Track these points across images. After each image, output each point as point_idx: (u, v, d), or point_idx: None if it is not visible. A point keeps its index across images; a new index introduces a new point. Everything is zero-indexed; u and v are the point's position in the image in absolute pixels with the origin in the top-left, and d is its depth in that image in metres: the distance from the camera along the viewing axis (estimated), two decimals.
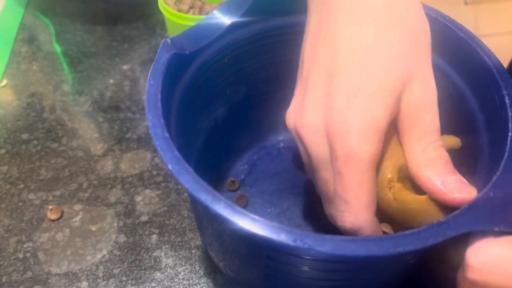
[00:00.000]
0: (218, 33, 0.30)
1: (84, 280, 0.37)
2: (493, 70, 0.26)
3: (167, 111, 0.26)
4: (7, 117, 0.49)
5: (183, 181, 0.21)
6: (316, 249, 0.19)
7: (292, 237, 0.19)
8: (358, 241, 0.19)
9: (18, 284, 0.37)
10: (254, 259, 0.27)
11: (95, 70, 0.54)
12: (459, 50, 0.29)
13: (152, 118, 0.24)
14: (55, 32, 0.59)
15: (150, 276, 0.37)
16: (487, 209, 0.21)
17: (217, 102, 0.35)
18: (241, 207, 0.20)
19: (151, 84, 0.25)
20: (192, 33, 0.29)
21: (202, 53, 0.30)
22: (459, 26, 0.29)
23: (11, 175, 0.44)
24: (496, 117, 0.26)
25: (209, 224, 0.28)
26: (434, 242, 0.19)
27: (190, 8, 0.51)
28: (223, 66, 0.32)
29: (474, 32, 0.29)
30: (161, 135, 0.23)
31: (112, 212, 0.41)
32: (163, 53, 0.27)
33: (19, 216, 0.41)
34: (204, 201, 0.20)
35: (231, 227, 0.20)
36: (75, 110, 0.50)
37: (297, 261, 0.23)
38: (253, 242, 0.24)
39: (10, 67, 0.54)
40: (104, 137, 0.47)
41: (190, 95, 0.30)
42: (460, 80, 0.29)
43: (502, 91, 0.25)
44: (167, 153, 0.22)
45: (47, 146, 0.46)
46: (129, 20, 0.60)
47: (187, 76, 0.29)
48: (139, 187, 0.43)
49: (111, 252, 0.38)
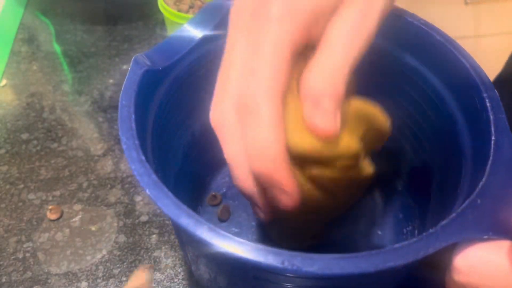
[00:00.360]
0: (190, 46, 0.29)
1: (83, 280, 0.37)
2: (471, 72, 0.26)
3: (142, 130, 0.25)
4: (7, 117, 0.49)
5: (162, 206, 0.21)
6: (305, 269, 0.19)
7: (280, 259, 0.19)
8: (347, 259, 0.19)
9: (18, 284, 0.37)
10: (241, 281, 0.26)
11: (95, 70, 0.54)
12: (437, 53, 0.28)
13: (126, 140, 0.23)
14: (55, 32, 0.59)
15: None
16: (475, 217, 0.20)
17: (193, 117, 0.34)
18: (224, 222, 0.20)
19: (123, 104, 0.24)
20: (164, 48, 0.29)
21: (175, 67, 0.29)
22: (435, 29, 0.29)
23: (11, 175, 0.44)
24: (478, 120, 0.26)
25: (194, 248, 0.27)
26: (424, 254, 0.19)
27: (190, 8, 0.51)
28: (198, 80, 0.32)
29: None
30: (137, 158, 0.22)
31: (112, 212, 0.41)
32: (135, 70, 0.26)
33: (19, 216, 0.41)
34: (186, 226, 0.20)
35: (215, 251, 0.20)
36: (75, 110, 0.50)
37: (285, 279, 0.23)
38: (240, 265, 0.23)
39: (10, 67, 0.54)
40: (104, 137, 0.47)
41: (166, 111, 0.29)
42: (439, 83, 0.29)
43: (482, 94, 0.25)
44: (144, 178, 0.22)
45: (47, 146, 0.46)
46: (129, 20, 0.60)
47: (161, 91, 0.29)
48: (139, 187, 0.43)
49: (111, 252, 0.38)
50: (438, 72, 0.29)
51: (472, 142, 0.26)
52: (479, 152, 0.25)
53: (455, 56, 0.27)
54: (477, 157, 0.25)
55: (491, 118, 0.24)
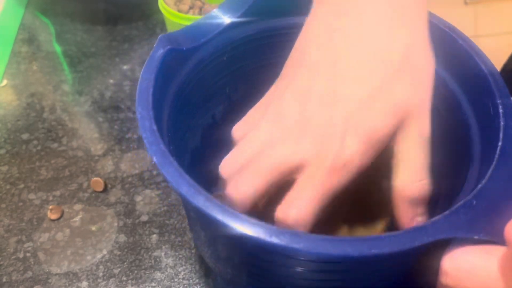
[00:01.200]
0: (217, 31, 0.30)
1: (84, 280, 0.37)
2: (489, 78, 0.26)
3: (159, 105, 0.25)
4: (7, 117, 0.49)
5: (165, 173, 0.21)
6: (291, 246, 0.19)
7: (269, 233, 0.19)
8: (333, 241, 0.19)
9: (18, 284, 0.37)
10: (236, 255, 0.27)
11: (95, 70, 0.54)
12: (458, 58, 0.28)
13: (141, 110, 0.24)
14: (55, 32, 0.59)
15: (150, 276, 0.37)
16: (468, 217, 0.20)
17: (215, 100, 0.35)
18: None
19: (143, 78, 0.25)
20: (190, 30, 0.29)
21: (200, 50, 0.30)
22: (459, 33, 0.29)
23: (11, 175, 0.44)
24: (489, 126, 0.26)
25: (196, 220, 0.28)
26: (410, 246, 0.19)
27: (190, 8, 0.51)
28: (222, 64, 0.32)
29: (474, 32, 0.29)
30: (149, 127, 0.23)
31: (112, 212, 0.41)
32: (158, 48, 0.27)
33: (19, 216, 0.41)
34: (185, 194, 0.21)
35: (211, 221, 0.20)
36: (75, 110, 0.50)
37: (277, 259, 0.24)
38: (233, 237, 0.23)
39: (10, 67, 0.54)
40: (104, 137, 0.47)
41: (187, 91, 0.30)
42: (457, 88, 0.29)
43: (497, 100, 0.25)
44: (152, 146, 0.22)
45: (47, 146, 0.46)
46: (129, 20, 0.60)
47: (183, 72, 0.29)
48: (139, 187, 0.43)
49: (111, 252, 0.39)
50: (458, 76, 0.29)
51: (482, 148, 0.26)
52: (487, 158, 0.25)
53: (475, 62, 0.27)
54: (484, 163, 0.25)
55: (502, 125, 0.24)
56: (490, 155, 0.24)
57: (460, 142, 0.28)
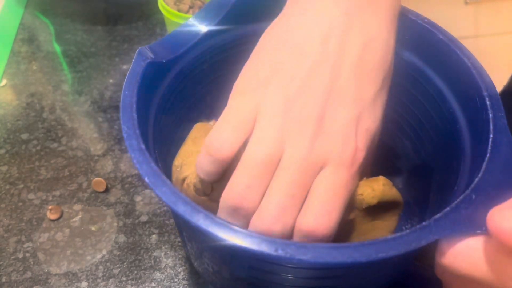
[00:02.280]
0: (195, 40, 0.29)
1: (84, 280, 0.37)
2: (472, 71, 0.26)
3: (144, 120, 0.25)
4: (7, 117, 0.49)
5: (160, 193, 0.21)
6: (298, 257, 0.19)
7: (274, 247, 0.19)
8: (340, 248, 0.19)
9: (18, 284, 0.37)
10: (239, 272, 0.26)
11: (95, 70, 0.54)
12: (440, 53, 0.28)
13: (127, 129, 0.23)
14: (55, 32, 0.59)
15: (150, 276, 0.37)
16: (469, 212, 0.21)
17: (197, 110, 0.34)
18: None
19: (126, 94, 0.25)
20: (168, 41, 0.29)
21: (179, 60, 0.29)
22: (439, 28, 0.29)
23: (11, 175, 0.44)
24: (477, 118, 0.26)
25: (191, 237, 0.27)
26: (416, 246, 0.19)
27: (190, 8, 0.51)
28: (202, 74, 0.32)
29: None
30: (137, 146, 0.23)
31: (112, 212, 0.41)
32: (138, 62, 0.26)
33: (19, 216, 0.41)
34: (182, 213, 0.20)
35: (211, 239, 0.20)
36: (75, 110, 0.50)
37: (279, 269, 0.23)
38: (234, 253, 0.23)
39: (10, 67, 0.54)
40: (104, 137, 0.47)
41: (169, 103, 0.30)
42: (442, 83, 0.29)
43: (483, 93, 0.25)
44: (143, 165, 0.22)
45: (47, 146, 0.46)
46: (129, 20, 0.60)
47: (164, 84, 0.29)
48: (139, 187, 0.43)
49: (111, 252, 0.38)
50: (441, 71, 0.29)
51: (472, 141, 0.26)
52: (478, 150, 0.25)
53: (458, 56, 0.27)
54: (476, 156, 0.25)
55: (490, 117, 0.24)
56: (481, 147, 0.24)
57: (449, 136, 0.29)
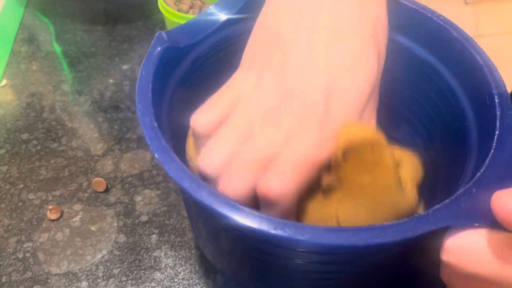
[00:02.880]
0: (213, 28, 0.30)
1: (84, 280, 0.37)
2: (484, 69, 0.26)
3: (158, 103, 0.26)
4: (7, 117, 0.49)
5: (168, 169, 0.21)
6: (296, 237, 0.19)
7: (273, 225, 0.19)
8: (337, 231, 0.19)
9: (18, 284, 0.37)
10: (240, 250, 0.27)
11: (95, 70, 0.54)
12: (453, 50, 0.29)
13: (141, 107, 0.24)
14: (55, 32, 0.59)
15: (150, 276, 0.37)
16: (468, 205, 0.21)
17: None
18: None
19: (143, 75, 0.25)
20: (187, 27, 0.29)
21: (197, 47, 0.30)
22: (453, 25, 0.29)
23: (10, 175, 0.44)
24: (486, 116, 0.26)
25: (198, 215, 0.28)
26: (413, 235, 0.19)
27: (190, 8, 0.51)
28: (219, 61, 0.32)
29: (474, 32, 0.29)
30: (150, 124, 0.23)
31: (112, 212, 0.41)
32: (156, 45, 0.27)
33: (19, 216, 0.41)
34: (188, 189, 0.21)
35: (214, 215, 0.20)
36: (75, 110, 0.50)
37: (280, 252, 0.23)
38: (236, 231, 0.24)
39: (10, 67, 0.54)
40: (104, 137, 0.47)
41: (185, 88, 0.30)
42: (453, 79, 0.29)
43: (492, 90, 0.26)
44: (154, 142, 0.22)
45: (47, 146, 0.46)
46: (129, 20, 0.60)
47: (181, 69, 0.29)
48: (139, 187, 0.43)
49: (111, 252, 0.38)
50: (454, 69, 0.29)
51: (479, 137, 0.27)
52: (484, 147, 0.25)
53: (471, 54, 0.27)
54: (481, 152, 0.25)
55: (498, 114, 0.25)
56: (487, 144, 0.24)
57: (457, 132, 0.29)
